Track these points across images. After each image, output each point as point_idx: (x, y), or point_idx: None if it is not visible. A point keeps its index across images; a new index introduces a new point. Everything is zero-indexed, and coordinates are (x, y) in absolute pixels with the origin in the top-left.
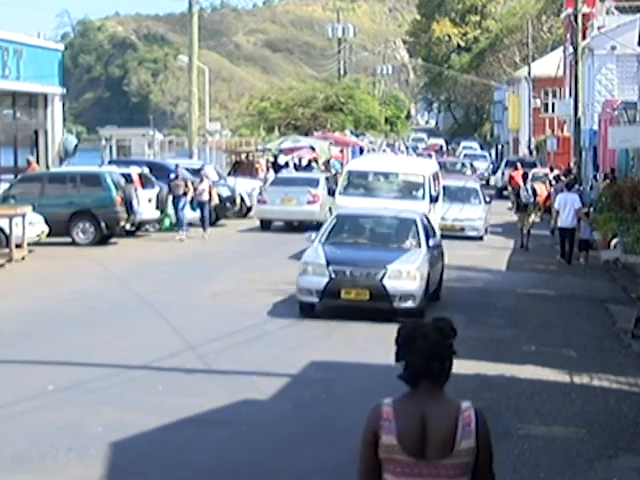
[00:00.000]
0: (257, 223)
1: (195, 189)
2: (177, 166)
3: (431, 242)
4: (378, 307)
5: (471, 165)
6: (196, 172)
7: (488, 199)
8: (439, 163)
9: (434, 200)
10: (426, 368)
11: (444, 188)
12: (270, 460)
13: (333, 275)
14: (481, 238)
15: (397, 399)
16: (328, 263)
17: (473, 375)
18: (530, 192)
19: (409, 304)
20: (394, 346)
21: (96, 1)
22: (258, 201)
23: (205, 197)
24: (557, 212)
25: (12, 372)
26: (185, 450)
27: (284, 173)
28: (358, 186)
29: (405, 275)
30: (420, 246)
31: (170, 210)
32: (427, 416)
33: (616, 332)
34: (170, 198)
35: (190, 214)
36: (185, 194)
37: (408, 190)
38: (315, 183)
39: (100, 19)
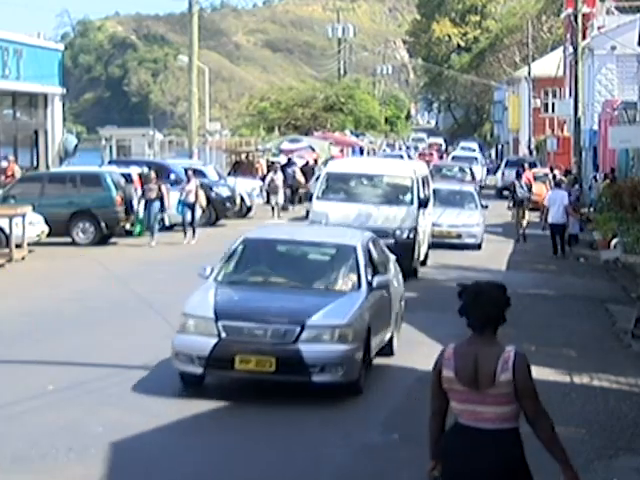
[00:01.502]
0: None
1: (182, 190)
2: (149, 168)
3: (377, 280)
4: (289, 381)
5: (470, 170)
6: (196, 172)
7: (485, 204)
8: (434, 167)
9: (423, 205)
10: (490, 318)
11: (437, 192)
12: (270, 460)
13: (224, 334)
14: (479, 246)
15: (459, 343)
16: (217, 316)
17: None
18: (525, 189)
19: (335, 376)
20: (459, 302)
21: (96, 1)
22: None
23: (191, 199)
24: (547, 209)
25: (12, 372)
26: (185, 450)
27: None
28: (338, 190)
29: (330, 335)
30: (360, 287)
31: (144, 215)
32: (479, 356)
33: (616, 332)
34: (143, 202)
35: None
36: (158, 198)
37: (394, 194)
38: None
39: (100, 19)
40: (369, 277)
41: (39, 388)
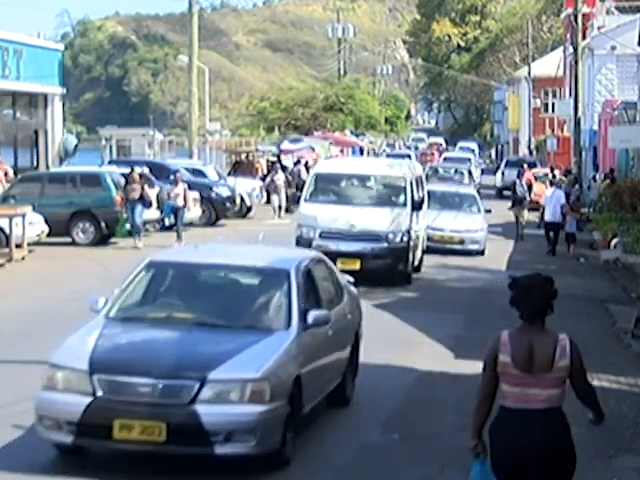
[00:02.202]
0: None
1: (169, 194)
2: (132, 169)
3: (314, 315)
4: (184, 453)
5: (469, 173)
6: (196, 172)
7: (488, 208)
8: (430, 168)
9: (417, 207)
10: (540, 309)
11: (437, 194)
12: (270, 460)
13: (100, 392)
14: (482, 252)
15: (512, 331)
16: (92, 368)
17: (474, 375)
18: (525, 188)
19: (246, 447)
20: (509, 292)
21: (96, 1)
22: None
23: (180, 202)
24: (543, 208)
25: (12, 372)
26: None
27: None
28: (327, 191)
29: (238, 393)
30: (289, 325)
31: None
32: (534, 343)
33: (616, 332)
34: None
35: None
36: (141, 198)
37: (387, 195)
38: None
39: (100, 19)
40: (301, 312)
41: (39, 388)
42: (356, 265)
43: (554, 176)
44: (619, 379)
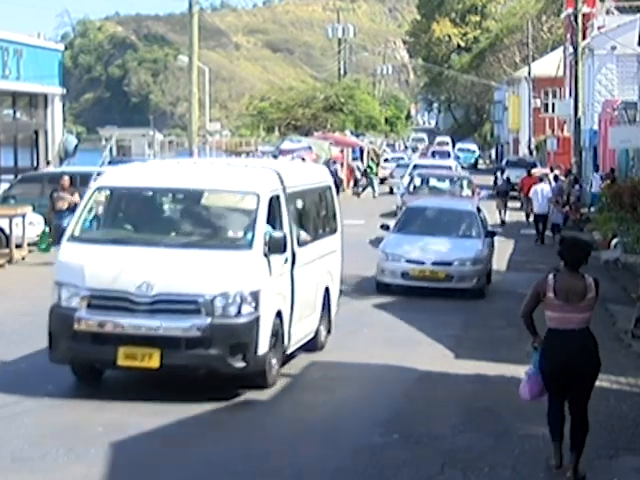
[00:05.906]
0: None
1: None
2: (63, 174)
3: None
4: None
5: (469, 183)
6: None
7: (492, 230)
8: (419, 177)
9: (279, 248)
10: (579, 260)
11: (420, 212)
12: (270, 460)
13: None
14: (481, 292)
15: (555, 274)
16: None
17: (473, 375)
18: (505, 180)
19: None
20: (558, 249)
21: (96, 1)
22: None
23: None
24: (530, 200)
25: (12, 372)
26: (185, 450)
27: None
28: (113, 221)
29: None
30: None
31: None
32: (570, 282)
33: (616, 332)
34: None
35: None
36: (70, 209)
37: (218, 228)
38: (406, 166)
39: (100, 19)
40: None
41: (39, 388)
42: (153, 360)
43: (556, 177)
44: (619, 379)
